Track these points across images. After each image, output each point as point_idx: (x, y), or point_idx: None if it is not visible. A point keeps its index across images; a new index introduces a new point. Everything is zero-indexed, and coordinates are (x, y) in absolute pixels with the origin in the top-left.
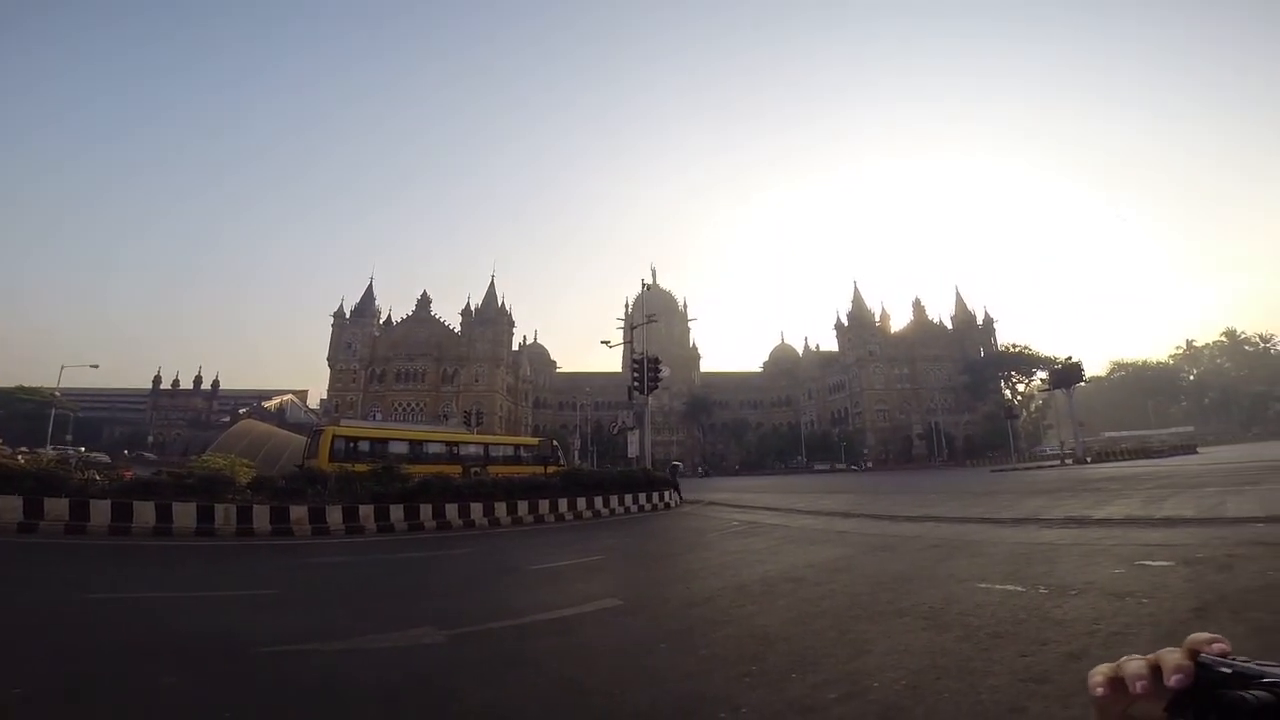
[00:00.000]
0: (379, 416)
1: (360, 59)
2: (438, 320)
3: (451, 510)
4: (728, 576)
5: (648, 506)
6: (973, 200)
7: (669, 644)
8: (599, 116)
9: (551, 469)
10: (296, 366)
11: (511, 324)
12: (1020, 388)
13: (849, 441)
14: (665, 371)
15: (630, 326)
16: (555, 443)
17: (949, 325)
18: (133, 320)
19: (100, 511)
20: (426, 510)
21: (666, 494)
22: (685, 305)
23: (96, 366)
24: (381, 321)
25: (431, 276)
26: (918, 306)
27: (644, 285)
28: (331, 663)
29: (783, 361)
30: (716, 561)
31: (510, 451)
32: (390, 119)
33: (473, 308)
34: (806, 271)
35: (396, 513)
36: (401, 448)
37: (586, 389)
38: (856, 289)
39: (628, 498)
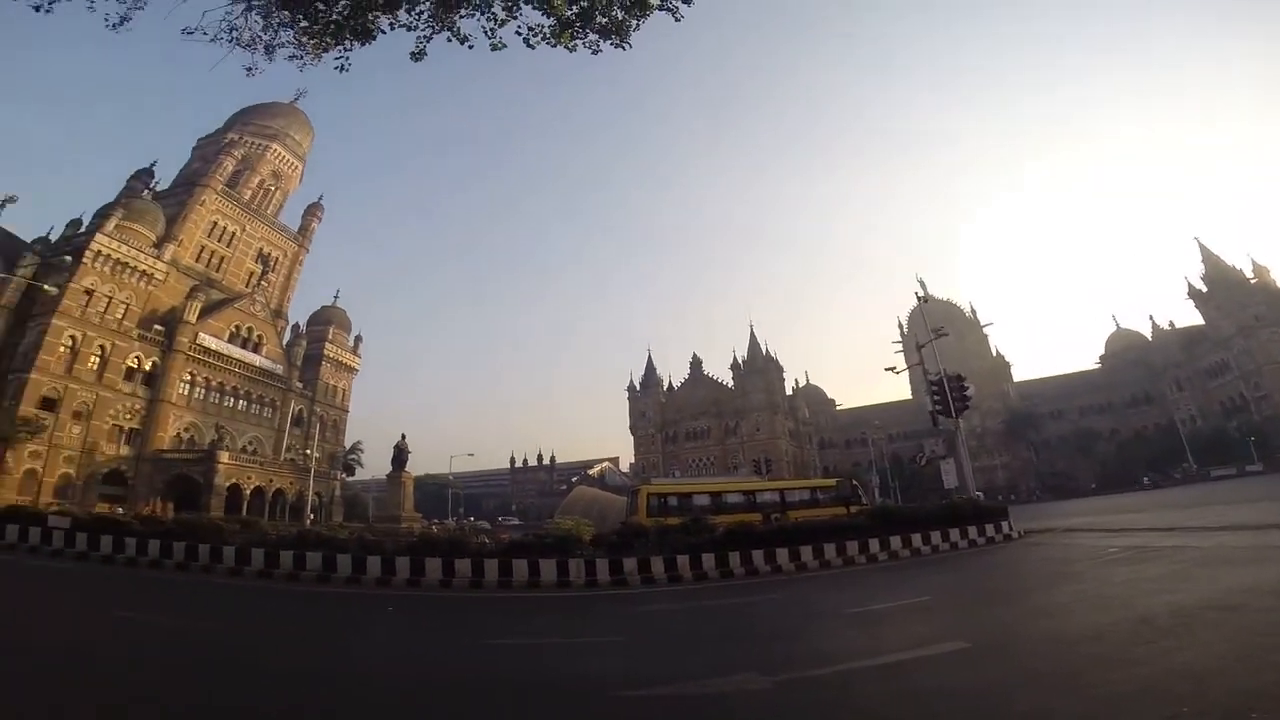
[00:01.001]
0: (677, 474)
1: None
2: (711, 379)
3: (758, 556)
4: (1117, 610)
5: (980, 540)
6: None
7: (1043, 686)
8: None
9: (854, 509)
10: (605, 435)
11: (780, 369)
12: None
13: (1258, 435)
14: (970, 389)
15: (916, 346)
16: (855, 482)
17: None
18: (487, 413)
19: (491, 569)
20: (734, 558)
21: (1004, 524)
22: (974, 311)
23: (472, 455)
24: (665, 388)
25: (698, 340)
26: None
27: (918, 299)
28: (672, 709)
29: (1127, 351)
30: (1094, 594)
31: (806, 495)
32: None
33: (739, 360)
34: (1124, 239)
35: (708, 561)
36: (704, 499)
37: (875, 422)
38: (1202, 246)
39: (953, 532)
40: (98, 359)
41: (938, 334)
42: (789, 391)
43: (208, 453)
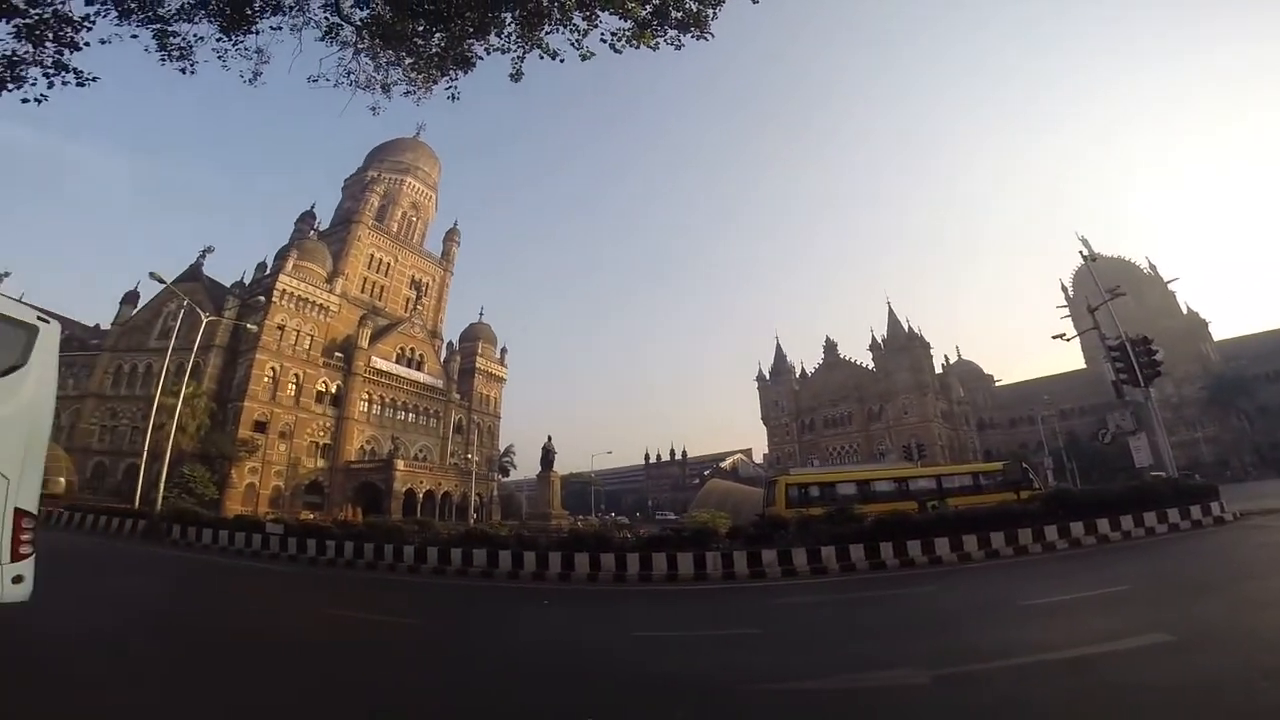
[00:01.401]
0: (816, 463)
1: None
2: (849, 361)
3: (914, 547)
4: None
5: (1183, 524)
6: None
7: (1262, 679)
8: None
9: (1025, 494)
10: (735, 427)
11: (927, 346)
12: None
13: None
14: (1159, 352)
15: (1088, 309)
16: (1024, 464)
17: None
18: (621, 410)
19: (633, 562)
20: (887, 549)
21: (1213, 506)
22: (1152, 266)
23: (610, 453)
24: (797, 375)
25: (826, 327)
26: None
27: (1084, 258)
28: (818, 703)
29: None
30: None
31: (968, 481)
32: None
33: (879, 340)
34: None
35: (857, 552)
36: (849, 489)
37: (1043, 397)
38: None
39: (1148, 516)
40: (294, 386)
41: (1113, 294)
42: (938, 370)
43: (387, 462)
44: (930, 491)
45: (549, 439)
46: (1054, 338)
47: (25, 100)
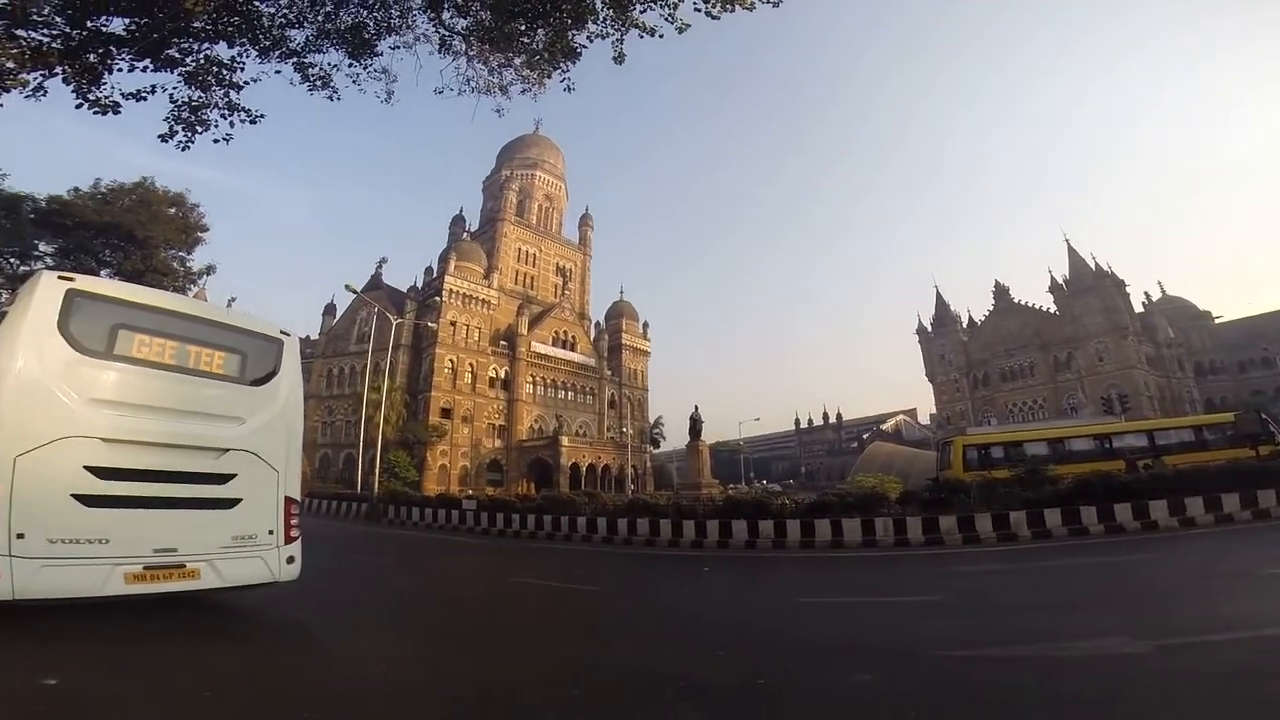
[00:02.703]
0: (994, 421)
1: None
2: (1025, 306)
3: (1122, 511)
4: None
5: None
6: None
7: None
8: None
9: (1264, 449)
10: (891, 386)
11: (1121, 284)
12: None
13: None
14: None
15: None
16: (1263, 415)
17: None
18: (769, 375)
19: (794, 529)
20: (1089, 513)
21: None
22: None
23: (758, 419)
24: (964, 325)
25: (995, 267)
26: None
27: None
28: (1015, 670)
29: None
30: None
31: (1189, 436)
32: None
33: (1061, 280)
34: None
35: (1053, 517)
36: (1040, 449)
37: None
38: None
39: None
40: (470, 374)
41: None
42: (1140, 309)
43: (553, 438)
44: (1141, 449)
45: (696, 408)
46: None
47: (215, 140)
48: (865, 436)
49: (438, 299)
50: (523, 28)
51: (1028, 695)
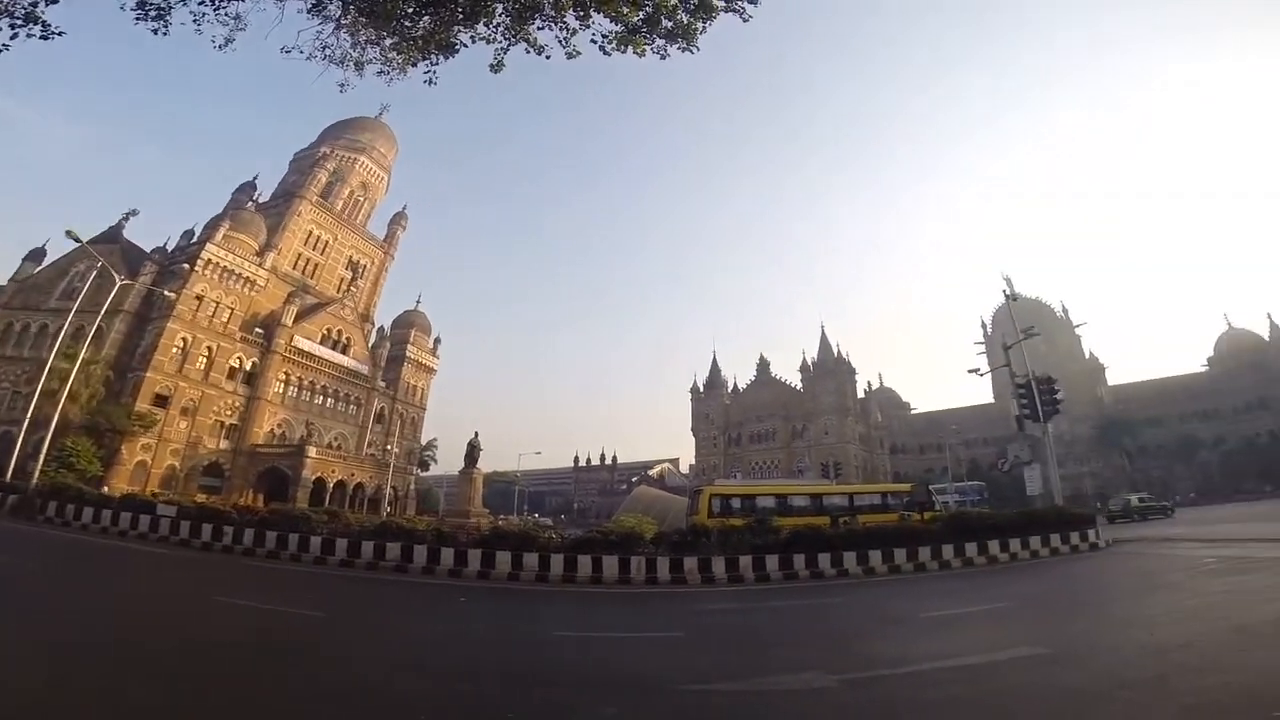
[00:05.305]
0: (739, 476)
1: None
2: (779, 380)
3: (824, 560)
4: (1214, 619)
5: (1064, 548)
6: None
7: (1126, 690)
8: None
9: (928, 515)
10: (665, 435)
11: (852, 371)
12: None
13: None
14: (1060, 392)
15: (1002, 346)
16: (929, 487)
17: None
18: (551, 412)
19: (557, 563)
20: (799, 560)
21: (1090, 532)
22: (1065, 311)
23: (540, 453)
24: (730, 390)
25: (765, 342)
26: None
27: (1006, 296)
28: (737, 703)
29: (1239, 352)
30: (1189, 605)
31: (877, 500)
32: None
33: (809, 362)
34: (1238, 231)
35: (772, 563)
36: (769, 502)
37: (952, 426)
38: None
39: (1033, 540)
40: (205, 359)
41: (1027, 334)
42: (861, 394)
43: (298, 448)
44: (843, 508)
45: (475, 435)
46: (969, 372)
47: None
48: (634, 480)
49: (187, 266)
50: (411, 9)
51: None
